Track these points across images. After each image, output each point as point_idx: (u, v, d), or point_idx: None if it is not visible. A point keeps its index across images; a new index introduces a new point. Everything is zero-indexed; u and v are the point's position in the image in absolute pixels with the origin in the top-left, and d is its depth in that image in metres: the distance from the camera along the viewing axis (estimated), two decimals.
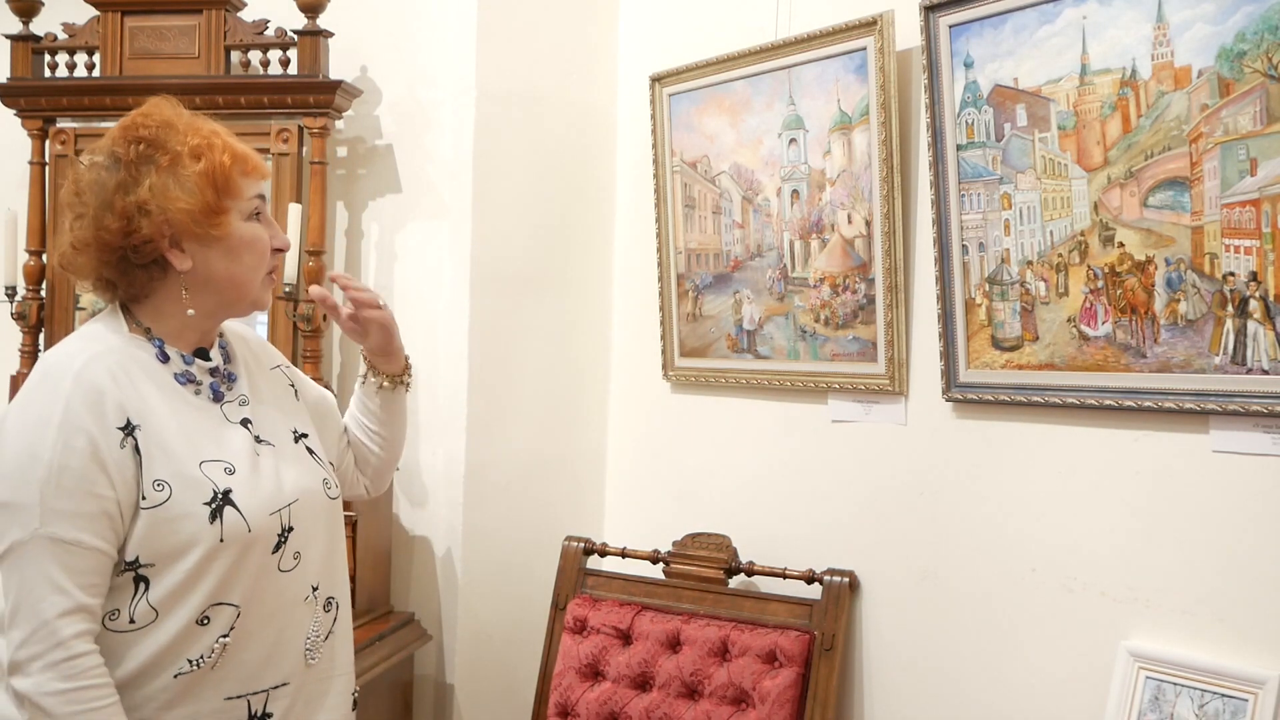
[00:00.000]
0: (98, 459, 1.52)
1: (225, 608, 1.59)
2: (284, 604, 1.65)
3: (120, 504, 1.53)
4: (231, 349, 1.78)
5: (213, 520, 1.56)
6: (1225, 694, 1.92)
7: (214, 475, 1.59)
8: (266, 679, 1.64)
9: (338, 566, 1.77)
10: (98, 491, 1.51)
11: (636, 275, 3.05)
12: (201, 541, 1.55)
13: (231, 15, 2.93)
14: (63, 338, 2.90)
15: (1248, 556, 1.93)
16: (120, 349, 1.62)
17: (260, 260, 1.69)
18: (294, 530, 1.67)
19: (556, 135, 3.04)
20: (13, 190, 3.15)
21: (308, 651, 1.68)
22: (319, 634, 1.70)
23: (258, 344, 1.87)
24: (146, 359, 1.63)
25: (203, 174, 1.61)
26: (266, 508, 1.63)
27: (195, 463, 1.59)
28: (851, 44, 2.43)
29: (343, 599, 1.77)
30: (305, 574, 1.68)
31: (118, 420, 1.54)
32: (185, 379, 1.66)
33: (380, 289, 3.00)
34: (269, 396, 1.78)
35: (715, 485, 2.84)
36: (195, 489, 1.57)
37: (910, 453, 2.44)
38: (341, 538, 1.80)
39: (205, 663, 1.58)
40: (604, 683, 2.65)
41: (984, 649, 2.30)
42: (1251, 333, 1.88)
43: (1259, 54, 1.84)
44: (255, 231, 1.68)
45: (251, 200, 1.67)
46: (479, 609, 2.95)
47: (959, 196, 2.28)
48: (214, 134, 1.66)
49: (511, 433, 2.99)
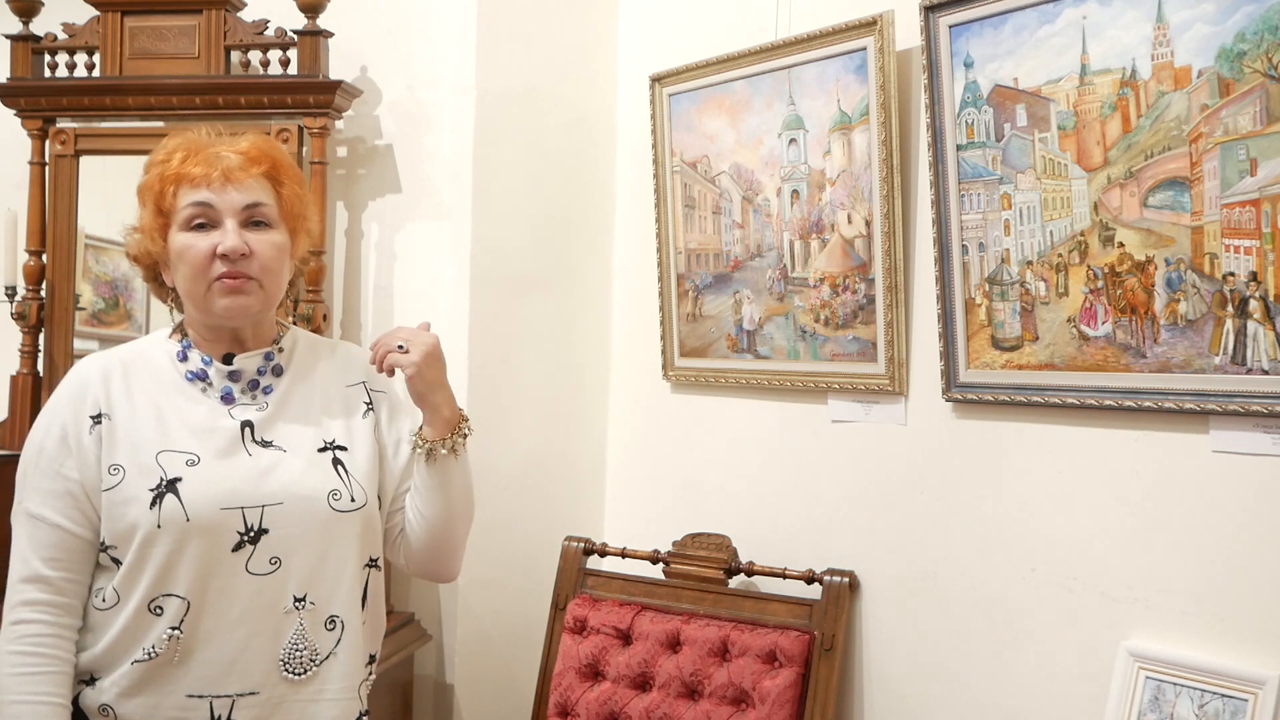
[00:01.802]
0: (67, 443, 1.66)
1: (173, 599, 1.62)
2: (254, 609, 1.64)
3: (85, 486, 1.65)
4: (289, 360, 1.78)
5: (152, 506, 1.62)
6: (1225, 694, 1.92)
7: (169, 464, 1.65)
8: (231, 684, 1.63)
9: (342, 583, 1.70)
10: (64, 473, 1.66)
11: (636, 275, 3.05)
12: (141, 525, 1.62)
13: (231, 15, 2.92)
14: (62, 338, 2.95)
15: (1248, 556, 1.93)
16: (140, 350, 1.77)
17: (195, 269, 1.67)
18: (269, 533, 1.65)
19: (556, 135, 3.04)
20: (13, 190, 3.15)
21: (284, 664, 1.65)
22: (305, 650, 1.67)
23: (346, 359, 1.86)
24: (161, 359, 1.75)
25: (140, 192, 1.73)
26: (219, 502, 1.63)
27: (154, 452, 1.65)
28: (851, 44, 2.43)
29: (350, 620, 1.71)
30: (284, 582, 1.66)
31: (92, 410, 1.68)
32: (195, 377, 1.73)
33: (380, 289, 3.01)
34: (313, 407, 1.76)
35: (715, 485, 2.84)
36: (146, 475, 1.64)
37: (910, 453, 2.44)
38: (350, 554, 1.71)
39: (159, 654, 1.62)
40: (604, 683, 2.65)
41: (984, 649, 2.30)
42: (1251, 333, 1.88)
43: (1259, 54, 1.84)
44: (185, 240, 1.68)
45: (185, 210, 1.68)
46: (479, 609, 2.95)
47: (959, 196, 2.28)
48: (175, 150, 1.71)
49: (511, 433, 2.99)
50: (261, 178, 1.72)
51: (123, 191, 2.35)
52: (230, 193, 1.68)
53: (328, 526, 1.69)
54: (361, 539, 1.74)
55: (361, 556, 1.74)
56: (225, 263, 1.66)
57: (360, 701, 1.74)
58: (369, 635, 1.78)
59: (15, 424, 2.96)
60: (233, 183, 1.68)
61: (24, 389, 2.96)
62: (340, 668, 1.70)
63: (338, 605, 1.70)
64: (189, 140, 1.73)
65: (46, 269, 2.98)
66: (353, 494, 1.72)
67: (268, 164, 1.73)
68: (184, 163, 1.69)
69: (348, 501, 1.72)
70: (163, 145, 1.74)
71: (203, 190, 1.67)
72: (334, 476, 1.72)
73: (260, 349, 1.76)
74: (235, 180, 1.68)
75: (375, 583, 1.78)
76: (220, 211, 1.68)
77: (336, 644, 1.69)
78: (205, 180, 1.67)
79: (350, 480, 1.73)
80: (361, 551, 1.74)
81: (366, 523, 1.75)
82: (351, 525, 1.72)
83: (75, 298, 2.99)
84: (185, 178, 1.68)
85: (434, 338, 1.76)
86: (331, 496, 1.70)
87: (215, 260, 1.66)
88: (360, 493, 1.73)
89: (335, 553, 1.70)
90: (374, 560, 1.78)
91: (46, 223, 2.97)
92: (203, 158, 1.69)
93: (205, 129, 1.76)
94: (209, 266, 1.67)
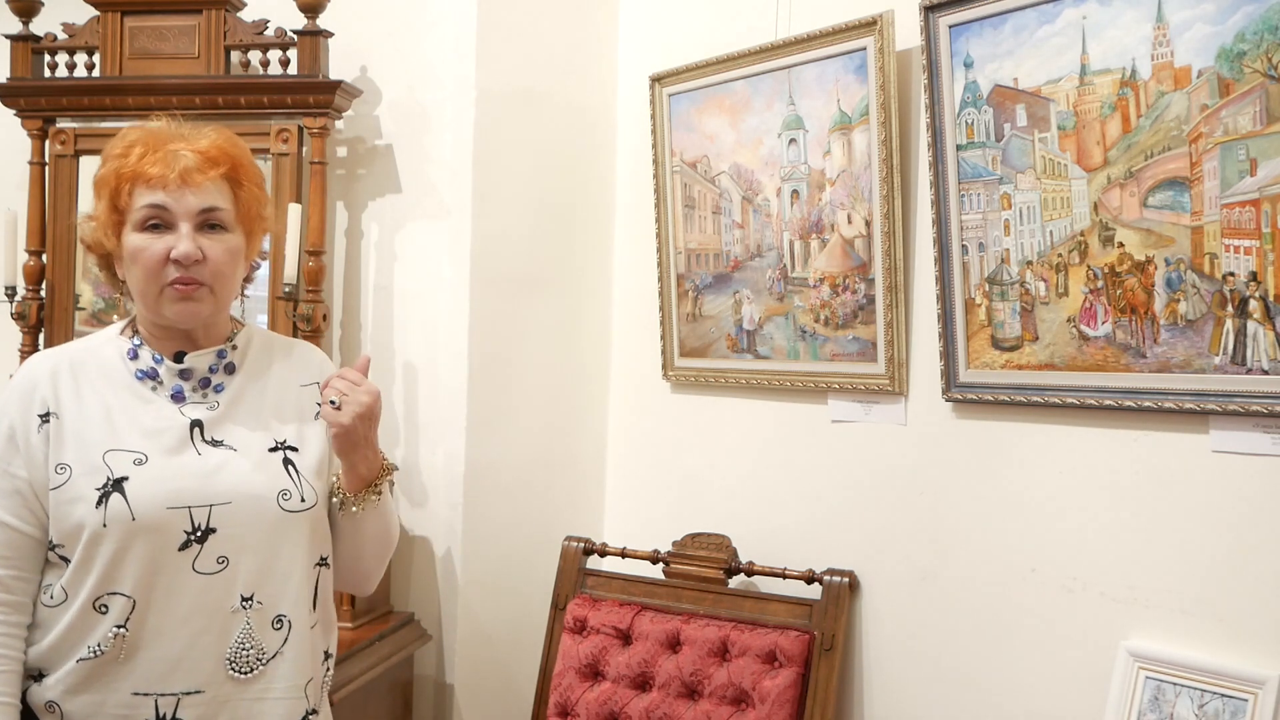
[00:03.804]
0: (14, 442, 1.67)
1: (119, 597, 1.62)
2: (200, 608, 1.63)
3: (32, 485, 1.65)
4: (242, 358, 1.78)
5: (99, 505, 1.62)
6: (1225, 694, 1.92)
7: (116, 463, 1.64)
8: (177, 682, 1.63)
9: (291, 582, 1.70)
10: (12, 471, 1.66)
11: (636, 275, 3.05)
12: (88, 525, 1.62)
13: (231, 15, 2.92)
14: (62, 338, 2.95)
15: (1248, 557, 1.93)
16: (90, 348, 1.76)
17: (147, 272, 1.66)
18: (216, 533, 1.64)
19: (556, 135, 3.04)
20: (13, 190, 3.15)
21: (230, 663, 1.64)
22: (252, 649, 1.66)
23: (302, 360, 1.85)
24: (112, 355, 1.74)
25: (96, 184, 1.71)
26: (165, 502, 1.63)
27: (101, 451, 1.65)
28: (851, 44, 2.43)
29: (298, 619, 1.70)
30: (232, 582, 1.65)
31: (40, 409, 1.68)
32: (145, 375, 1.72)
33: (380, 289, 3.01)
34: (265, 406, 1.76)
35: (715, 485, 2.84)
36: (92, 474, 1.63)
37: (910, 453, 2.44)
38: (300, 554, 1.71)
39: (104, 652, 1.62)
40: (604, 683, 2.65)
41: (984, 649, 2.30)
42: (1251, 333, 1.88)
43: (1259, 54, 1.84)
44: (139, 242, 1.66)
45: (140, 210, 1.66)
46: (479, 609, 2.95)
47: (959, 196, 2.28)
48: (134, 144, 1.68)
49: (511, 433, 2.99)
50: (220, 179, 1.69)
51: None
52: (186, 196, 1.66)
53: (277, 526, 1.69)
54: (311, 539, 1.73)
55: (312, 556, 1.74)
56: (178, 268, 1.65)
57: (306, 700, 1.72)
58: (320, 634, 1.77)
59: None
60: (190, 185, 1.66)
61: None
62: (286, 667, 1.69)
63: (285, 605, 1.69)
64: (149, 134, 1.70)
65: (46, 269, 2.98)
66: (303, 494, 1.72)
67: (227, 165, 1.70)
68: (141, 159, 1.67)
69: (298, 501, 1.71)
70: (122, 136, 1.71)
71: (158, 192, 1.65)
72: (284, 476, 1.71)
73: (213, 346, 1.75)
74: (192, 183, 1.66)
75: (325, 581, 1.78)
76: (175, 215, 1.66)
77: (283, 643, 1.69)
78: (161, 182, 1.65)
79: (301, 480, 1.72)
80: (311, 551, 1.74)
81: (316, 523, 1.74)
82: (301, 525, 1.71)
83: (75, 298, 2.99)
84: (141, 177, 1.66)
85: (371, 396, 1.72)
86: (281, 496, 1.69)
87: (168, 265, 1.65)
88: (310, 493, 1.73)
89: (285, 553, 1.69)
90: (324, 559, 1.77)
91: (46, 223, 2.97)
92: (161, 156, 1.66)
93: (167, 120, 1.73)
94: (161, 270, 1.66)
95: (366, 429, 1.72)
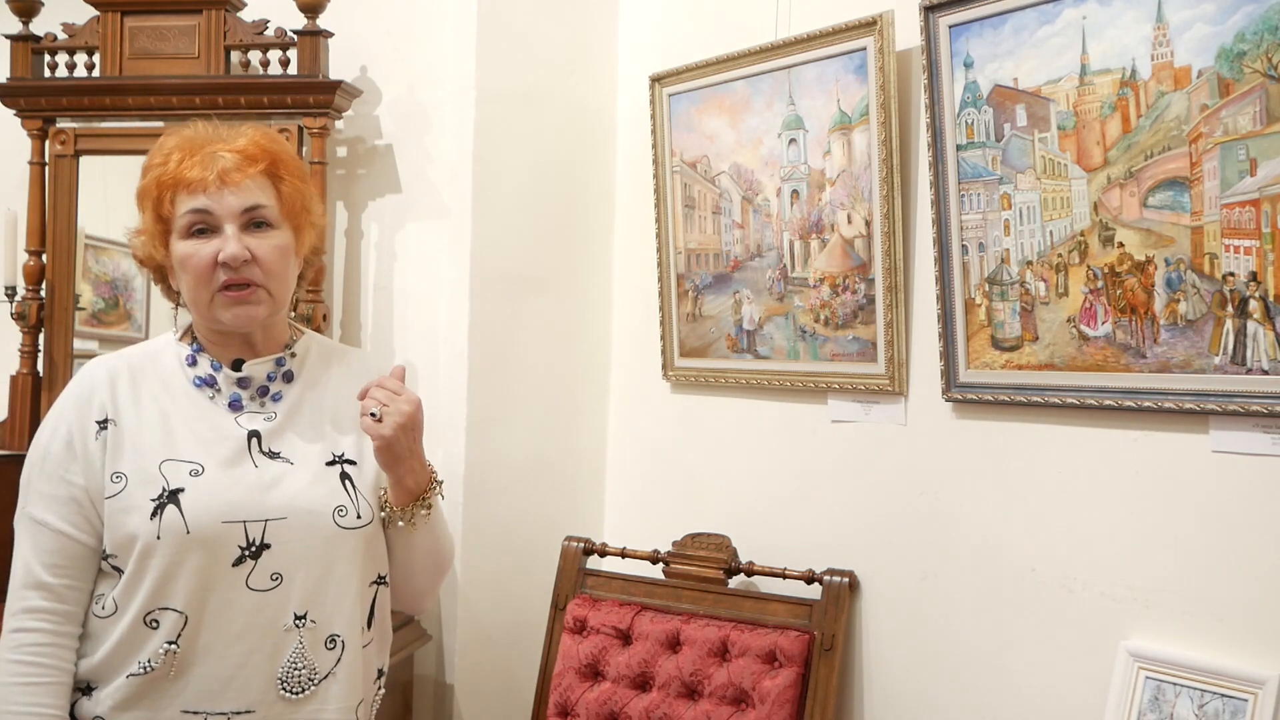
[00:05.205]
0: (72, 448, 1.63)
1: (170, 612, 1.58)
2: (253, 626, 1.60)
3: (89, 493, 1.62)
4: (300, 366, 1.75)
5: (153, 516, 1.58)
6: (1225, 694, 1.92)
7: (172, 474, 1.61)
8: (227, 702, 1.59)
9: (345, 601, 1.66)
10: (69, 478, 1.63)
11: (636, 275, 3.05)
12: (141, 536, 1.59)
13: (231, 15, 2.93)
14: (62, 338, 2.95)
15: (1247, 556, 1.93)
16: (150, 353, 1.73)
17: (197, 278, 1.63)
18: (270, 549, 1.61)
19: (556, 136, 3.04)
20: (13, 190, 3.15)
21: (282, 683, 1.61)
22: (304, 669, 1.62)
23: (362, 368, 1.80)
24: (171, 362, 1.71)
25: (139, 196, 1.69)
26: (220, 515, 1.59)
27: (158, 461, 1.62)
28: (851, 44, 2.43)
29: (351, 639, 1.66)
30: (285, 599, 1.61)
31: (98, 415, 1.64)
32: (203, 383, 1.69)
33: (380, 289, 3.01)
34: (323, 417, 1.72)
35: (715, 485, 2.84)
36: (148, 485, 1.60)
37: (910, 453, 2.44)
38: (354, 571, 1.67)
39: (154, 668, 1.59)
40: (604, 683, 2.65)
41: (984, 649, 2.30)
42: (1251, 333, 1.88)
43: (1259, 54, 1.84)
44: (186, 249, 1.64)
45: (184, 216, 1.64)
46: (479, 609, 2.95)
47: (959, 196, 2.28)
48: (172, 151, 1.66)
49: (511, 433, 2.99)
50: (260, 176, 1.66)
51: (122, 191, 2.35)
52: (227, 196, 1.63)
53: (331, 543, 1.65)
54: (366, 556, 1.69)
55: (366, 574, 1.70)
56: (227, 271, 1.62)
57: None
58: (375, 653, 1.74)
59: (15, 424, 2.96)
60: (230, 185, 1.63)
61: (24, 389, 2.96)
62: (339, 688, 1.65)
63: (339, 624, 1.65)
64: (185, 139, 1.67)
65: (46, 269, 2.98)
66: (359, 510, 1.68)
67: (266, 160, 1.67)
68: (180, 165, 1.64)
69: (353, 518, 1.67)
70: (160, 146, 1.69)
71: (200, 196, 1.62)
72: (341, 491, 1.67)
73: (271, 354, 1.72)
74: (232, 183, 1.63)
75: (382, 600, 1.74)
76: (219, 217, 1.63)
77: (336, 664, 1.65)
78: (202, 185, 1.62)
79: (357, 496, 1.68)
80: (366, 569, 1.69)
81: (371, 540, 1.70)
82: (356, 542, 1.67)
83: (75, 298, 2.99)
84: (182, 183, 1.63)
85: (413, 405, 1.66)
86: (337, 513, 1.66)
87: (218, 268, 1.62)
88: (367, 508, 1.69)
89: (339, 570, 1.66)
90: (382, 577, 1.73)
91: (46, 223, 2.97)
92: (199, 159, 1.63)
93: (202, 123, 1.70)
94: (212, 275, 1.63)
95: (410, 440, 1.66)
